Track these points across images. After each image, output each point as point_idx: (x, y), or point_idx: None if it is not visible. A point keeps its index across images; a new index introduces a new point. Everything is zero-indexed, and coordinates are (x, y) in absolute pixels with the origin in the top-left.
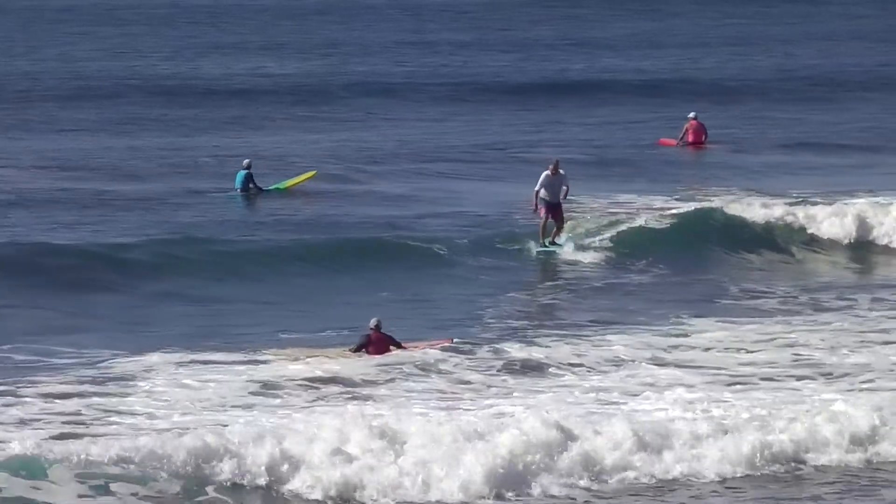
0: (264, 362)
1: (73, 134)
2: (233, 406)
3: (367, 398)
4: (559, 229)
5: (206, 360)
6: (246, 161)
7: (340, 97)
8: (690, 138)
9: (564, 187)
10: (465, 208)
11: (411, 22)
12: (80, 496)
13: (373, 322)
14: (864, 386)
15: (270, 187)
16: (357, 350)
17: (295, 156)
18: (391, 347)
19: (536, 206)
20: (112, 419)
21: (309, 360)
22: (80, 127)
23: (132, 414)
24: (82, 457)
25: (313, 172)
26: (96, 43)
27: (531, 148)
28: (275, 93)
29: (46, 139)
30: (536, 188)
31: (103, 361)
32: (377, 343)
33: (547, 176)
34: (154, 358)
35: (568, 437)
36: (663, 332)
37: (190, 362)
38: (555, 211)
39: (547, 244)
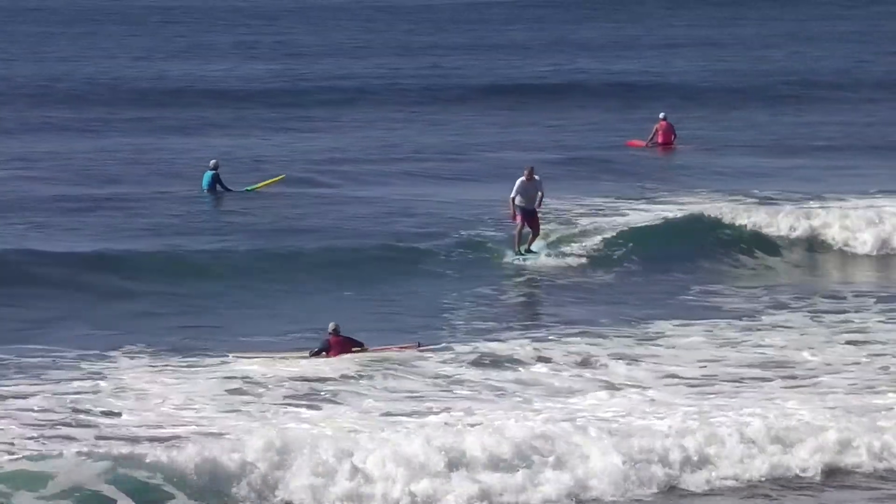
0: (231, 363)
1: (41, 134)
2: (202, 406)
3: (334, 395)
4: (535, 236)
5: (172, 361)
6: (213, 161)
7: (311, 99)
8: (660, 139)
9: (540, 193)
10: (435, 210)
11: (383, 23)
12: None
13: (331, 327)
14: (824, 389)
15: (239, 189)
16: (317, 354)
17: (264, 157)
18: (353, 349)
19: (514, 213)
20: (81, 418)
21: (272, 363)
22: (49, 128)
23: (101, 414)
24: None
25: (282, 176)
26: (67, 43)
27: (502, 149)
28: (245, 94)
29: (14, 139)
30: (512, 195)
31: (70, 361)
32: (336, 347)
33: (522, 182)
34: (120, 357)
35: (539, 443)
36: (633, 335)
37: (156, 363)
38: (531, 218)
39: (522, 251)
